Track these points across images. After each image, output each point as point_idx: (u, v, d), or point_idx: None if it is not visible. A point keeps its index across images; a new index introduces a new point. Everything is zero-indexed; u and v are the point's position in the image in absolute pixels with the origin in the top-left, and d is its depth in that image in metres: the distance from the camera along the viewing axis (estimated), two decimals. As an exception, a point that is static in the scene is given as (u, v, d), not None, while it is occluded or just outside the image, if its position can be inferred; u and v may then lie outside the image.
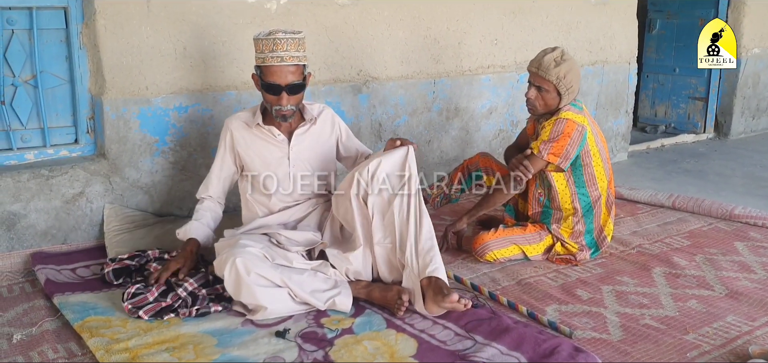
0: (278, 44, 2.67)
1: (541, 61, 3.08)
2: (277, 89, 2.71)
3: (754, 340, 2.42)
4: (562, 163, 3.07)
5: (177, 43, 3.37)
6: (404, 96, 4.20)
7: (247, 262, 2.48)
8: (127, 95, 3.28)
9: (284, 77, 2.69)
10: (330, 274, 2.69)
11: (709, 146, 6.22)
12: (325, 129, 2.98)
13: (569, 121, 3.05)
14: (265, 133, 2.87)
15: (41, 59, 3.20)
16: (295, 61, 2.70)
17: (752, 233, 3.60)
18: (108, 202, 3.32)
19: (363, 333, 2.45)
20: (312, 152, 2.93)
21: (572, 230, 3.18)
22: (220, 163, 2.94)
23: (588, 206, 3.18)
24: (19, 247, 3.12)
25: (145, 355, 2.24)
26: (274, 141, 2.88)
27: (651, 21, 6.82)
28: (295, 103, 2.77)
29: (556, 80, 3.04)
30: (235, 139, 2.89)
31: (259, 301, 2.49)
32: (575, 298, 2.81)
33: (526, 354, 2.26)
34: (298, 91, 2.75)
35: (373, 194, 2.67)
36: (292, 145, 2.88)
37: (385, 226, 2.69)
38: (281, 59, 2.68)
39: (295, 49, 2.69)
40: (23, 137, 3.26)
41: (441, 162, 4.44)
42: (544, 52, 3.11)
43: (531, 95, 3.13)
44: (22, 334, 2.43)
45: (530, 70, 3.13)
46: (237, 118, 2.93)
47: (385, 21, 4.05)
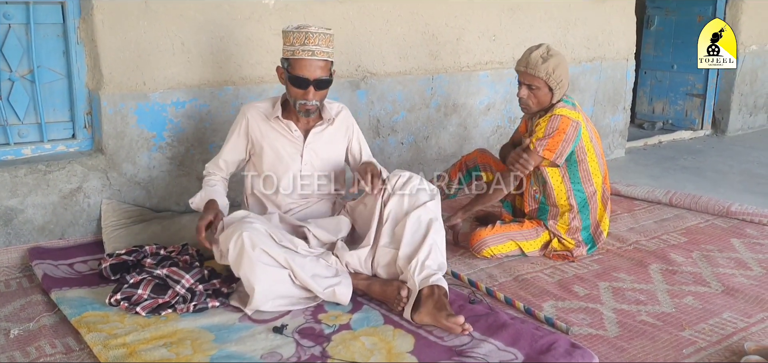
0: (310, 38, 2.67)
1: (528, 60, 3.08)
2: (305, 83, 2.70)
3: (749, 337, 2.43)
4: (558, 159, 3.08)
5: (175, 38, 3.37)
6: (402, 92, 4.20)
7: (253, 237, 2.47)
8: (125, 90, 3.28)
9: (313, 71, 2.69)
10: (331, 262, 2.70)
11: (707, 143, 6.23)
12: (340, 131, 2.97)
13: (564, 118, 3.05)
14: (282, 126, 2.86)
15: (38, 54, 3.19)
16: (325, 57, 2.71)
17: (749, 230, 3.61)
18: (105, 197, 3.32)
19: (360, 329, 2.45)
20: (324, 153, 2.92)
21: (569, 226, 3.19)
22: (231, 147, 2.91)
23: (583, 202, 3.18)
24: (17, 242, 3.12)
25: (143, 350, 2.24)
26: (290, 136, 2.87)
27: (649, 17, 6.83)
28: (320, 99, 2.77)
29: (546, 76, 3.04)
30: (251, 127, 2.87)
31: (256, 277, 2.45)
32: (572, 294, 2.81)
33: (523, 350, 2.26)
34: (325, 86, 2.77)
35: (393, 197, 2.72)
36: (307, 142, 2.87)
37: (395, 234, 2.70)
38: (312, 53, 2.68)
39: (325, 45, 2.70)
40: (20, 132, 3.26)
41: (439, 158, 4.45)
42: (530, 50, 3.12)
43: (523, 95, 3.14)
44: (20, 329, 2.44)
45: (519, 70, 3.14)
46: (255, 106, 2.91)
47: (383, 17, 4.05)
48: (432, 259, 2.60)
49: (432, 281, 2.51)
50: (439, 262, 2.62)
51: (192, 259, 2.88)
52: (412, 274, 2.55)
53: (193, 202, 2.81)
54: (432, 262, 2.59)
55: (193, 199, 2.81)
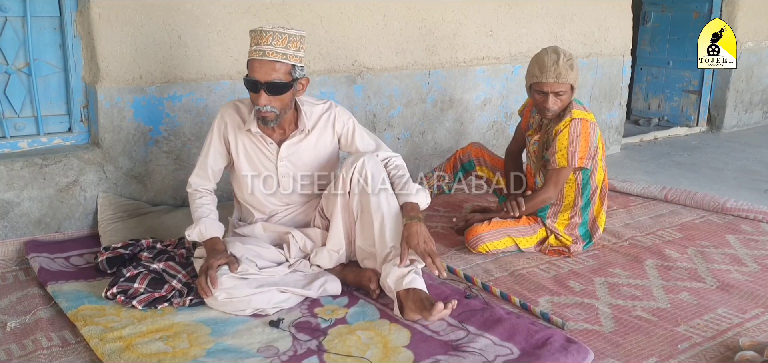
0: (263, 37, 2.48)
1: (558, 72, 2.98)
2: (254, 86, 2.51)
3: (744, 333, 2.44)
4: (588, 163, 3.09)
5: (172, 32, 3.36)
6: (399, 87, 4.20)
7: (229, 290, 2.44)
8: (122, 84, 3.27)
9: (264, 73, 2.49)
10: (308, 271, 2.71)
11: (702, 139, 6.25)
12: (325, 135, 2.80)
13: (583, 121, 3.05)
14: (257, 137, 2.72)
15: (35, 47, 3.18)
16: (279, 58, 2.49)
17: (744, 226, 3.62)
18: (102, 190, 3.31)
19: (356, 323, 2.46)
20: (305, 162, 2.78)
21: (568, 222, 3.20)
22: (213, 153, 2.75)
23: (587, 199, 3.19)
24: (13, 236, 3.12)
25: (139, 343, 2.24)
26: (264, 148, 2.73)
27: (645, 14, 6.83)
28: (278, 106, 2.55)
29: (573, 80, 3.02)
30: (228, 130, 2.73)
31: (248, 308, 2.47)
32: (568, 289, 2.82)
33: (518, 345, 2.27)
34: (280, 91, 2.52)
35: (353, 196, 2.66)
36: (280, 156, 2.72)
37: (364, 231, 2.66)
38: (263, 53, 2.48)
39: (281, 45, 2.49)
40: (16, 125, 3.25)
41: (435, 153, 4.45)
42: (551, 59, 3.00)
43: (551, 104, 3.03)
44: (16, 322, 2.43)
45: (545, 81, 3.00)
46: (234, 109, 2.74)
47: (380, 11, 4.05)
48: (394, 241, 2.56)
49: (405, 285, 2.48)
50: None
51: (188, 254, 2.87)
52: (385, 278, 2.54)
53: (189, 236, 2.65)
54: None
55: (190, 231, 2.65)
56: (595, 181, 3.20)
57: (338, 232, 2.72)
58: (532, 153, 3.29)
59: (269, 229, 2.82)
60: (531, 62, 3.11)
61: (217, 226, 2.68)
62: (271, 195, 2.81)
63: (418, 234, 2.51)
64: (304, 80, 2.64)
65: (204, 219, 2.66)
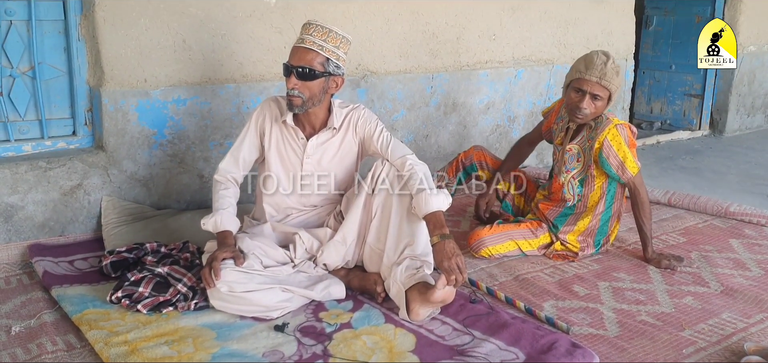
0: (307, 28, 2.64)
1: (604, 72, 2.91)
2: (287, 69, 2.63)
3: (749, 337, 2.44)
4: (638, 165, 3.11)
5: (176, 35, 3.36)
6: (402, 90, 4.20)
7: (232, 286, 2.45)
8: (126, 87, 3.28)
9: (298, 58, 2.61)
10: (313, 272, 2.71)
11: (705, 143, 6.24)
12: (348, 136, 2.84)
13: (624, 125, 3.05)
14: (290, 130, 2.79)
15: (39, 50, 3.19)
16: (315, 48, 2.60)
17: (747, 230, 3.62)
18: (106, 194, 3.31)
19: (362, 327, 2.45)
20: (331, 162, 2.83)
21: (585, 228, 3.19)
22: (248, 143, 2.82)
23: (609, 206, 3.18)
24: (17, 239, 3.12)
25: (144, 348, 2.24)
26: (294, 141, 2.80)
27: (648, 17, 6.83)
28: (305, 92, 2.63)
29: (615, 89, 2.96)
30: (266, 121, 2.81)
31: (251, 308, 2.48)
32: (572, 294, 2.82)
33: (524, 349, 2.27)
34: (309, 78, 2.61)
35: (377, 195, 2.69)
36: (307, 152, 2.79)
37: (379, 230, 2.69)
38: (302, 41, 2.63)
39: (320, 38, 2.61)
40: (21, 129, 3.25)
41: (438, 156, 4.45)
42: (601, 60, 2.94)
43: (586, 105, 2.97)
44: (21, 326, 2.43)
45: (588, 79, 2.94)
46: (275, 101, 2.83)
47: (383, 15, 4.05)
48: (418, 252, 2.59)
49: (416, 279, 2.51)
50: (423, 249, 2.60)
51: (193, 257, 2.87)
52: (394, 281, 2.56)
53: (205, 224, 2.68)
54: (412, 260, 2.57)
55: (206, 221, 2.68)
56: (617, 190, 3.19)
57: (352, 224, 2.73)
58: (558, 160, 3.22)
59: (278, 229, 2.84)
60: (578, 60, 3.04)
61: (233, 220, 2.71)
62: (287, 195, 2.86)
63: (454, 253, 2.48)
64: (339, 79, 2.71)
65: (222, 210, 2.69)
